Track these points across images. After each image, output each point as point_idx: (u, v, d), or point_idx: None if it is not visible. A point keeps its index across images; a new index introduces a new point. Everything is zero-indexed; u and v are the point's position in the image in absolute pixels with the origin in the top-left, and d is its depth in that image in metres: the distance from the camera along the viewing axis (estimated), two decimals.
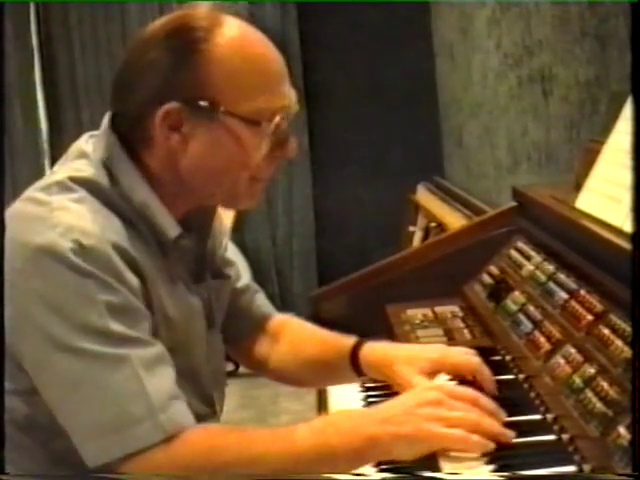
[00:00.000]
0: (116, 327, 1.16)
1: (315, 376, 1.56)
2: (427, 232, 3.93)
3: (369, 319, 1.72)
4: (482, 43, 3.54)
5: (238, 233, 4.77)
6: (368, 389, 1.59)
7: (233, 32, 1.26)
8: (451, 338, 1.70)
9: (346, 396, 1.57)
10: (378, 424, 1.15)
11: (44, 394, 1.19)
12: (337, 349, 1.51)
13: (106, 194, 1.26)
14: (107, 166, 1.28)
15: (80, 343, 1.15)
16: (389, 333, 1.80)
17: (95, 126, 1.36)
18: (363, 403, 1.54)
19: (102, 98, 4.87)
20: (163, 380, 1.18)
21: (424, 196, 4.45)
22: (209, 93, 1.23)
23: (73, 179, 1.25)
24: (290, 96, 1.29)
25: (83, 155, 1.30)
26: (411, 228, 4.29)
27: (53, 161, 4.99)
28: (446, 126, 4.72)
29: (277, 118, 1.26)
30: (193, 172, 1.27)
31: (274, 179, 1.33)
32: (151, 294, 1.25)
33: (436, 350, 1.45)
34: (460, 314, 1.80)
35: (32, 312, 1.17)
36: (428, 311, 1.84)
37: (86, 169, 1.27)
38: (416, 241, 4.08)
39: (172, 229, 1.29)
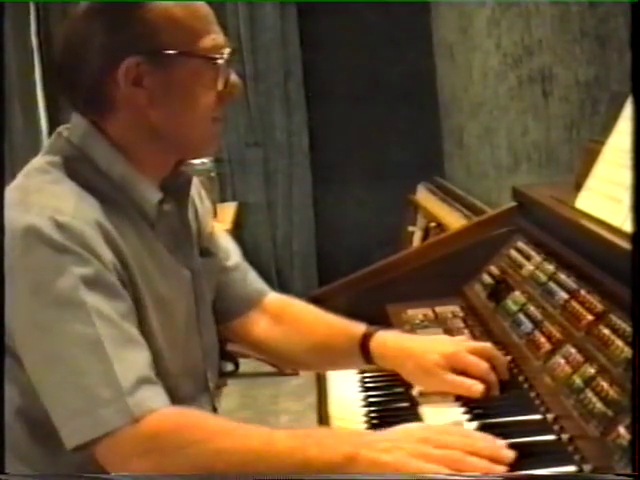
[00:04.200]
0: (90, 299, 1.18)
1: (321, 361, 1.57)
2: (427, 232, 3.93)
3: (369, 319, 1.72)
4: (482, 43, 3.54)
5: (238, 233, 4.77)
6: (368, 389, 1.59)
7: None
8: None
9: (346, 397, 1.57)
10: (360, 446, 1.13)
11: (31, 378, 1.20)
12: (346, 336, 1.52)
13: (84, 175, 1.29)
14: (81, 148, 1.32)
15: (55, 318, 1.17)
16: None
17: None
18: (363, 403, 1.54)
19: None
20: (133, 363, 1.18)
21: (424, 196, 4.45)
22: (161, 41, 1.28)
23: (50, 163, 1.30)
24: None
25: (58, 142, 1.35)
26: (411, 228, 4.29)
27: None
28: (446, 126, 4.72)
29: (227, 51, 1.32)
30: (165, 123, 1.31)
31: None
32: (134, 271, 1.27)
33: (448, 346, 1.45)
34: (460, 314, 1.80)
35: (17, 293, 1.19)
36: (428, 311, 1.84)
37: (61, 153, 1.32)
38: (416, 241, 4.09)
39: (154, 194, 1.33)
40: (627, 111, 1.54)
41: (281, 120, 4.92)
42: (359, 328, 1.52)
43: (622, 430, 1.06)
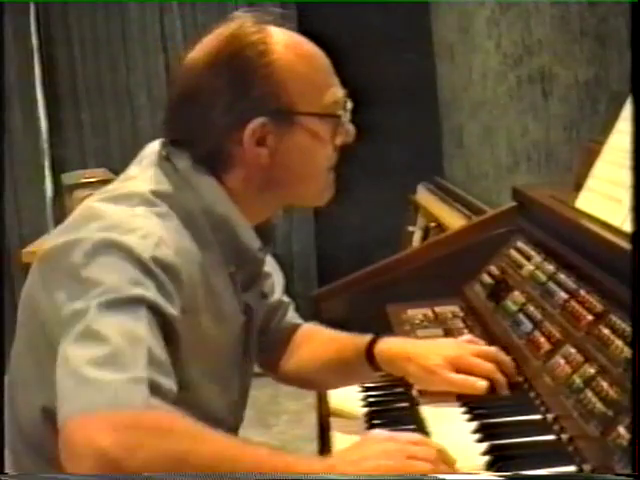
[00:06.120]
0: (150, 318, 1.09)
1: (334, 377, 1.56)
2: (427, 232, 3.93)
3: (369, 319, 1.73)
4: (482, 43, 3.54)
5: None
6: (368, 389, 1.59)
7: (284, 38, 1.31)
8: (452, 338, 1.70)
9: (346, 397, 1.57)
10: (341, 462, 1.07)
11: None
12: (353, 347, 1.52)
13: (187, 209, 1.26)
14: (188, 178, 1.28)
15: (112, 313, 1.07)
16: (389, 333, 1.80)
17: (95, 126, 1.37)
18: (363, 403, 1.54)
19: (102, 98, 4.87)
20: (164, 383, 1.07)
21: (424, 196, 4.45)
22: (285, 100, 1.27)
23: (155, 193, 1.25)
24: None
25: (161, 164, 1.30)
26: (411, 228, 4.28)
27: (53, 161, 4.99)
28: (446, 126, 4.72)
29: (349, 105, 1.33)
30: (284, 178, 1.30)
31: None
32: (201, 318, 1.23)
33: (452, 349, 1.46)
34: (460, 314, 1.80)
35: (91, 293, 1.09)
36: (428, 311, 1.84)
37: (167, 181, 1.27)
38: (416, 241, 4.08)
39: (254, 242, 1.32)
40: (627, 111, 1.55)
41: None
42: (364, 338, 1.52)
43: (622, 430, 1.06)
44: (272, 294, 1.56)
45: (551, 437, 1.21)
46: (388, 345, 1.50)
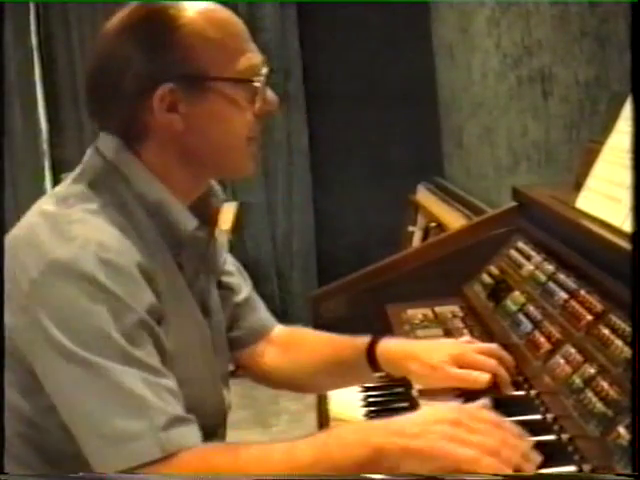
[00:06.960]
0: (128, 347, 1.14)
1: (331, 378, 1.56)
2: (427, 232, 3.93)
3: (369, 319, 1.72)
4: (482, 43, 3.54)
5: (238, 233, 4.77)
6: (368, 389, 1.59)
7: (195, 4, 1.28)
8: (451, 338, 1.70)
9: (346, 397, 1.57)
10: (387, 436, 1.09)
11: (54, 400, 1.17)
12: (352, 348, 1.52)
13: (122, 197, 1.26)
14: (117, 166, 1.28)
15: (90, 355, 1.13)
16: (389, 333, 1.80)
17: (95, 126, 1.36)
18: (363, 403, 1.54)
19: None
20: (168, 402, 1.14)
21: (424, 196, 4.45)
22: (196, 66, 1.25)
23: (90, 185, 1.26)
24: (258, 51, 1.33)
25: (92, 156, 1.31)
26: (411, 228, 4.29)
27: (53, 161, 5.00)
28: (446, 126, 4.72)
29: (264, 70, 1.30)
30: (201, 147, 1.28)
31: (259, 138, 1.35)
32: (166, 305, 1.23)
33: (455, 347, 1.46)
34: (460, 314, 1.80)
35: (45, 325, 1.15)
36: (428, 311, 1.84)
37: (98, 173, 1.28)
38: (416, 241, 4.09)
39: (189, 222, 1.30)
40: (627, 111, 1.55)
41: (280, 120, 4.92)
42: (364, 339, 1.52)
43: (622, 430, 1.06)
44: (239, 292, 1.55)
45: (551, 437, 1.21)
46: (389, 346, 1.50)
